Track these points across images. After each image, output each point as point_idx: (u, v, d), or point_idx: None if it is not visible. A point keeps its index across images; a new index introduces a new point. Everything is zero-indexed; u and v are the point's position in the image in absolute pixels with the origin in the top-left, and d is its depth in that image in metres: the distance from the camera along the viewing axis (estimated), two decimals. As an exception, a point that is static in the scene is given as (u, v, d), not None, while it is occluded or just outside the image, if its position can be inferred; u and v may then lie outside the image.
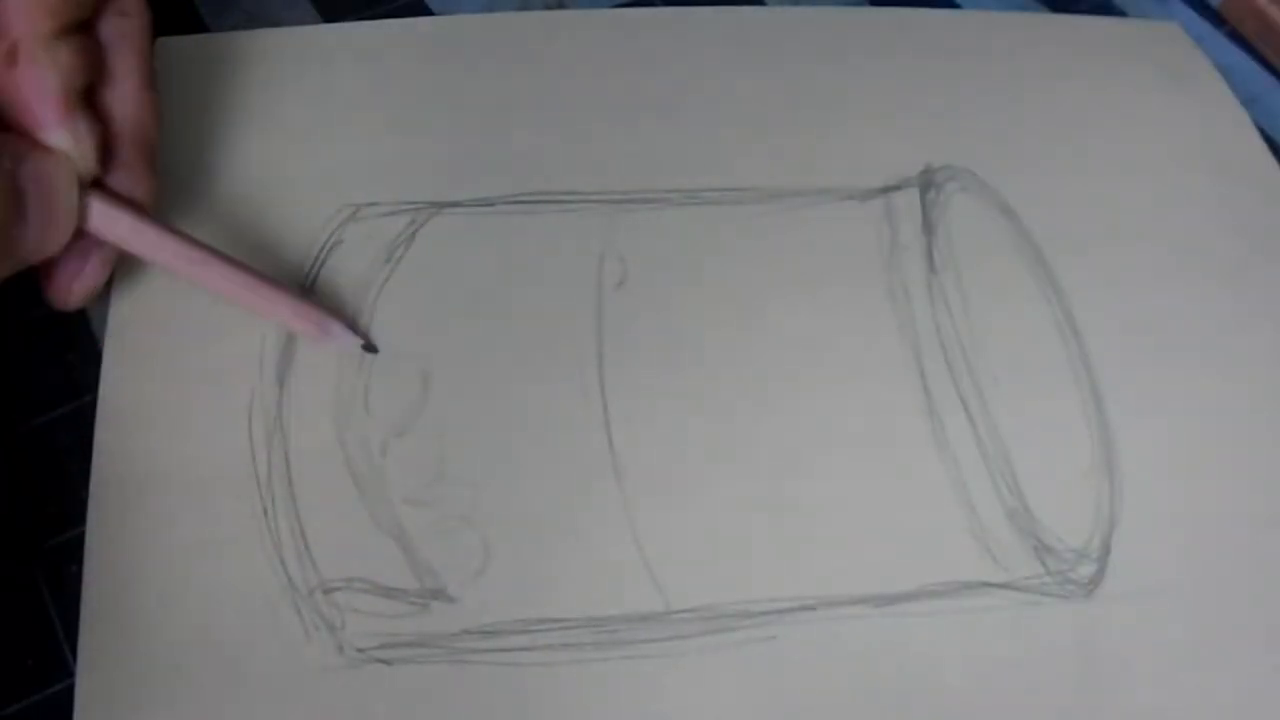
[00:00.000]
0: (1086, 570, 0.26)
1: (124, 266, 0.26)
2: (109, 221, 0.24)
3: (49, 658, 0.24)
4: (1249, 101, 0.35)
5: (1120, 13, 0.39)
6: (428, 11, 0.35)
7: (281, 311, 0.25)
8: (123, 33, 0.25)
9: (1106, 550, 0.26)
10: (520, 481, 0.25)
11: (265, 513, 0.24)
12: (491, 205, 0.29)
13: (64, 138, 0.23)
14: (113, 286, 0.27)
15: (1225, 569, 0.26)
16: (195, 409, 0.25)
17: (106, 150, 0.24)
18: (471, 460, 0.25)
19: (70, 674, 0.23)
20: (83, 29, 0.23)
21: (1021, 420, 0.27)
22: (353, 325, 0.26)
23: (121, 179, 0.24)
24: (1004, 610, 0.25)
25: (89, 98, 0.23)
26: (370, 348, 0.26)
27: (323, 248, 0.28)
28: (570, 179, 0.30)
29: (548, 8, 0.36)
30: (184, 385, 0.26)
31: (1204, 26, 0.40)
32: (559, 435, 0.26)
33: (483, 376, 0.26)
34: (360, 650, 0.23)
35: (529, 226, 0.29)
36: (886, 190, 0.31)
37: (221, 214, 0.28)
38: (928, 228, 0.30)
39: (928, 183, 0.31)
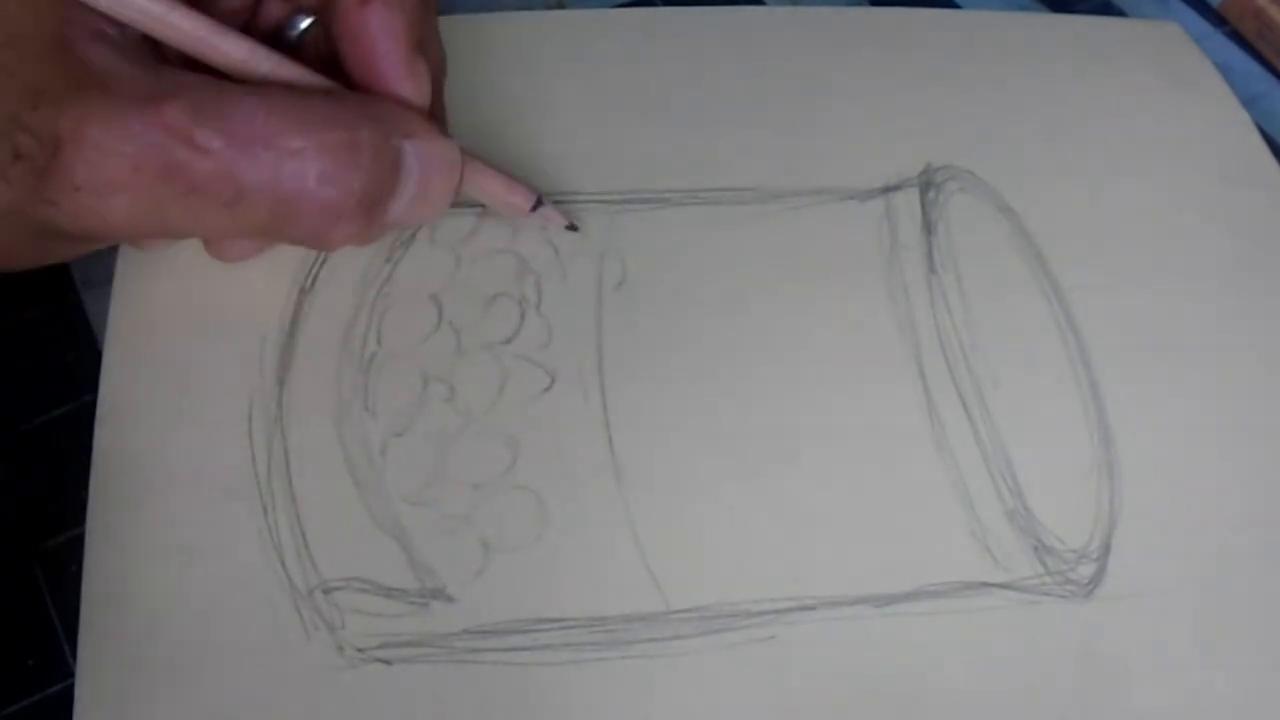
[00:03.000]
0: (1086, 570, 0.26)
1: (128, 264, 0.26)
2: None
3: (49, 658, 0.24)
4: (1249, 101, 0.35)
5: (1120, 13, 0.39)
6: (428, 11, 0.35)
7: (497, 188, 0.27)
8: None
9: (1106, 550, 0.26)
10: (520, 481, 0.25)
11: (265, 513, 0.24)
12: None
13: (411, 86, 0.23)
14: (113, 285, 0.27)
15: (1225, 569, 0.26)
16: (195, 409, 0.25)
17: None
18: (471, 460, 0.25)
19: (70, 674, 0.23)
20: None
21: (1021, 420, 0.27)
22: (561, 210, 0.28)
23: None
24: (1004, 610, 0.25)
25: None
26: (573, 227, 0.28)
27: (323, 248, 0.28)
28: (570, 179, 0.30)
29: (548, 8, 0.36)
30: (184, 385, 0.26)
31: (1204, 26, 0.40)
32: (559, 435, 0.26)
33: (482, 376, 0.26)
34: (360, 650, 0.23)
35: (528, 226, 0.29)
36: (886, 190, 0.31)
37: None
38: (928, 228, 0.30)
39: (928, 183, 0.31)
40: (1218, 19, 0.40)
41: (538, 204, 0.27)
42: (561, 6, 0.36)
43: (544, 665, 0.23)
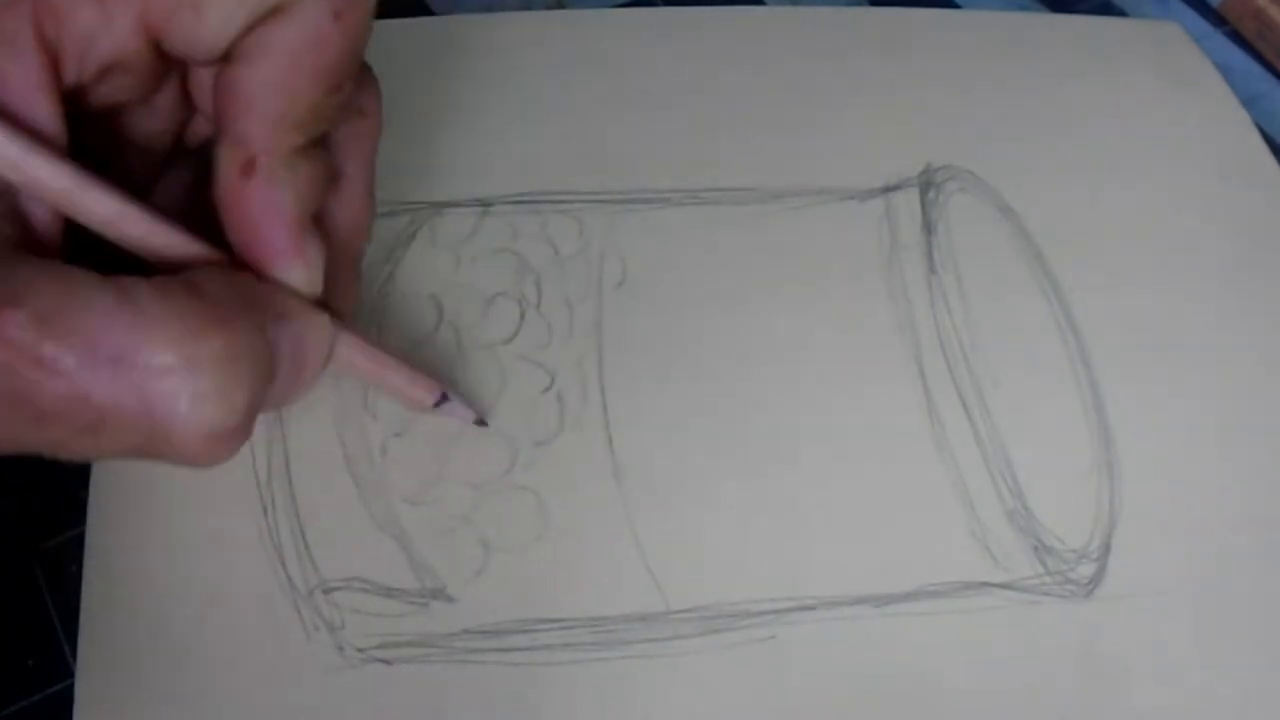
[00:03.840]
0: (1086, 570, 0.26)
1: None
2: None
3: (49, 658, 0.24)
4: (1249, 101, 0.35)
5: (1120, 13, 0.39)
6: (428, 11, 0.35)
7: (397, 380, 0.24)
8: (357, 133, 0.22)
9: (1106, 550, 0.26)
10: (520, 481, 0.25)
11: (265, 513, 0.24)
12: (490, 205, 0.29)
13: (295, 269, 0.20)
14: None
15: (1225, 569, 0.26)
16: (195, 409, 0.25)
17: None
18: (471, 460, 0.25)
19: (70, 674, 0.23)
20: (321, 140, 0.21)
21: (1021, 420, 0.27)
22: (465, 399, 0.25)
23: (330, 290, 0.22)
24: (1004, 610, 0.25)
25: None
26: (481, 422, 0.25)
27: (323, 248, 0.28)
28: (570, 179, 0.30)
29: (548, 8, 0.36)
30: (184, 385, 0.26)
31: (1204, 26, 0.40)
32: (559, 435, 0.26)
33: (482, 376, 0.26)
34: (360, 650, 0.23)
35: (528, 226, 0.29)
36: (886, 190, 0.31)
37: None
38: (928, 228, 0.30)
39: (928, 183, 0.31)
40: (1218, 19, 0.40)
41: (442, 398, 0.24)
42: (561, 6, 0.36)
43: (544, 665, 0.23)
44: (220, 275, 0.19)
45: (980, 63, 0.34)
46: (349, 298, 0.23)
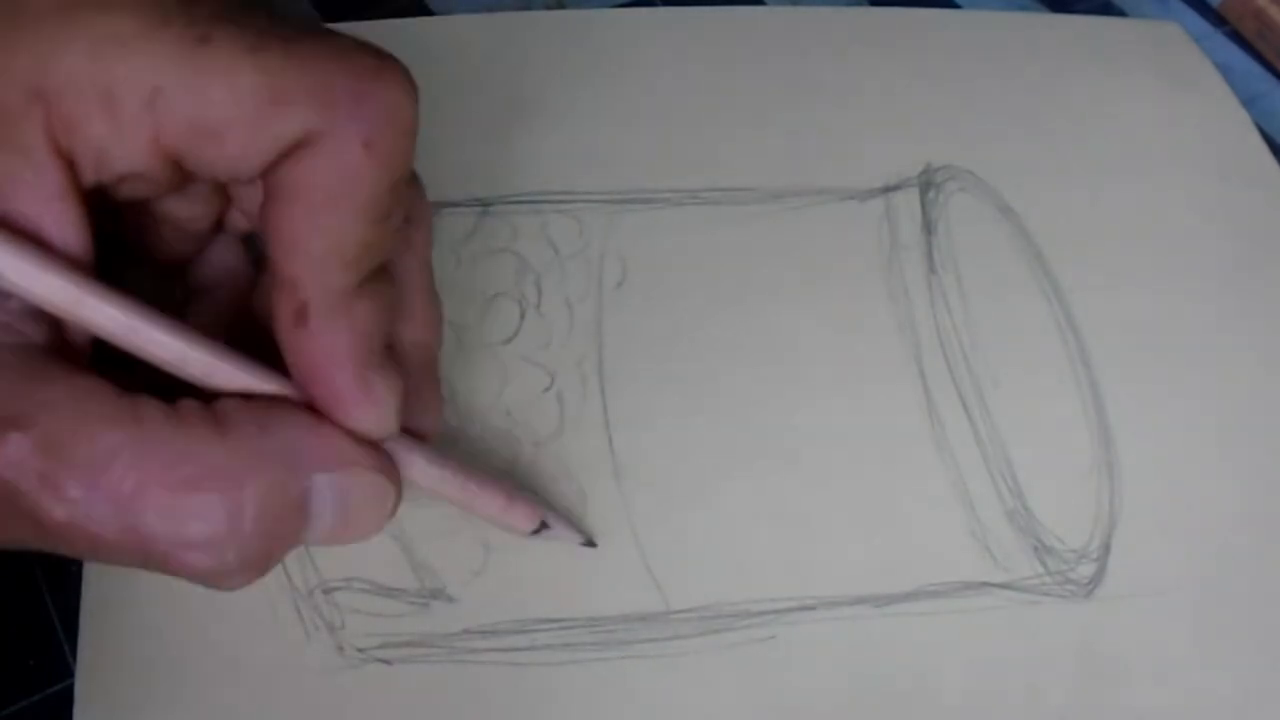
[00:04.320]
0: (1086, 570, 0.26)
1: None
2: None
3: (49, 658, 0.24)
4: (1249, 101, 0.35)
5: (1120, 13, 0.39)
6: (428, 11, 0.35)
7: (490, 509, 0.23)
8: (409, 244, 0.21)
9: (1106, 550, 0.26)
10: (519, 481, 0.25)
11: (265, 513, 0.24)
12: (490, 205, 0.29)
13: (363, 415, 0.19)
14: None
15: (1225, 569, 0.26)
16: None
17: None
18: (471, 460, 0.25)
19: (70, 674, 0.23)
20: (380, 271, 0.19)
21: (1021, 420, 0.27)
22: (569, 519, 0.24)
23: (411, 411, 0.20)
24: (1004, 610, 0.25)
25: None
26: (590, 544, 0.24)
27: (323, 248, 0.28)
28: (570, 179, 0.30)
29: (548, 8, 0.36)
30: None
31: (1204, 26, 0.40)
32: (559, 435, 0.26)
33: (482, 376, 0.26)
34: (360, 650, 0.23)
35: (528, 226, 0.29)
36: (886, 190, 0.31)
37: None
38: (928, 228, 0.30)
39: (928, 183, 0.31)
40: (1218, 19, 0.40)
41: (541, 526, 0.23)
42: (561, 6, 0.36)
43: (544, 665, 0.23)
44: (257, 415, 0.18)
45: (980, 63, 0.34)
46: (432, 412, 0.22)
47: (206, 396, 0.18)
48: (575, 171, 0.30)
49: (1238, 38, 0.39)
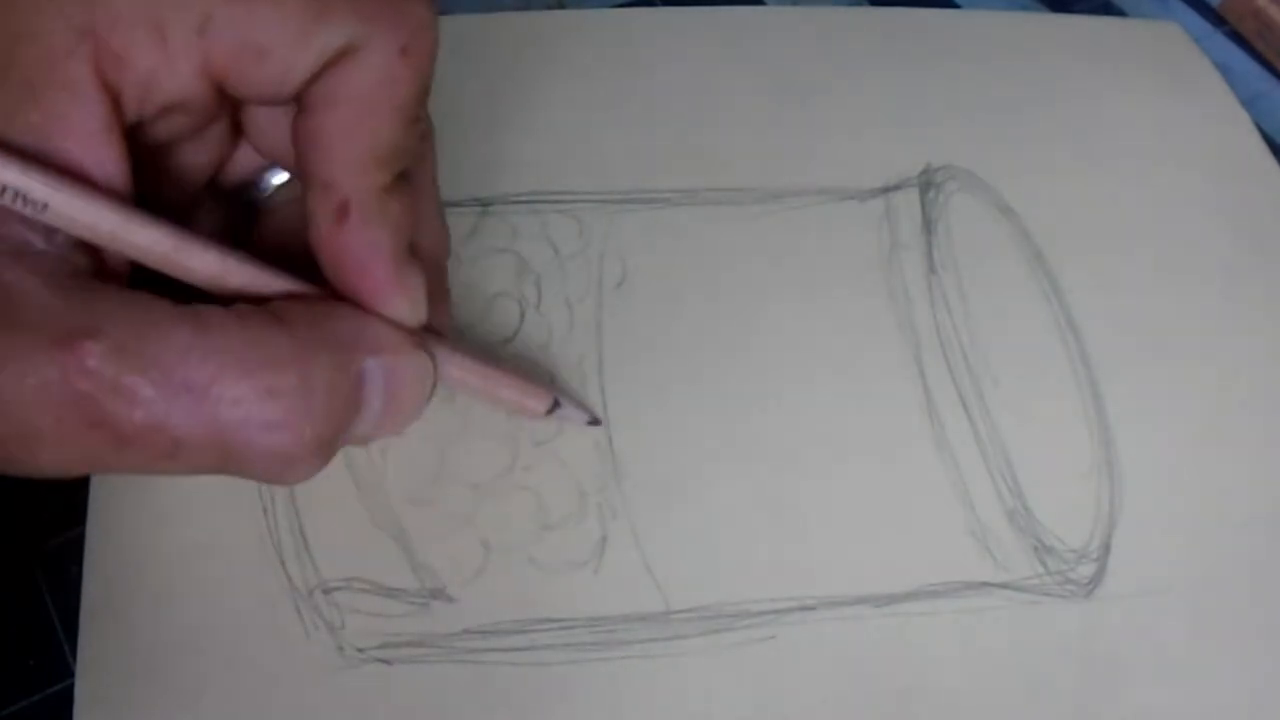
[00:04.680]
0: (1086, 570, 0.26)
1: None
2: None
3: (49, 658, 0.24)
4: (1249, 101, 0.35)
5: (1120, 13, 0.39)
6: (428, 11, 0.35)
7: (510, 393, 0.24)
8: (423, 157, 0.22)
9: (1106, 550, 0.26)
10: (520, 481, 0.25)
11: (265, 513, 0.24)
12: (490, 205, 0.29)
13: (400, 303, 0.20)
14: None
15: (1225, 569, 0.26)
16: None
17: None
18: (471, 460, 0.25)
19: (70, 674, 0.23)
20: (403, 176, 0.21)
21: (1021, 420, 0.27)
22: (579, 402, 0.26)
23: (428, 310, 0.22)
24: (1004, 610, 0.25)
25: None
26: (595, 421, 0.26)
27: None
28: (570, 179, 0.30)
29: (548, 8, 0.36)
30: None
31: (1204, 26, 0.40)
32: (559, 435, 0.26)
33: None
34: (360, 650, 0.23)
35: (528, 226, 0.29)
36: (886, 190, 0.31)
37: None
38: (927, 227, 0.30)
39: (927, 183, 0.31)
40: (1218, 19, 0.40)
41: (554, 405, 0.25)
42: (561, 6, 0.36)
43: (544, 665, 0.23)
44: (307, 310, 0.19)
45: (980, 63, 0.34)
46: (445, 315, 0.23)
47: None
48: (575, 171, 0.30)
49: (1238, 38, 0.39)
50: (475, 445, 0.26)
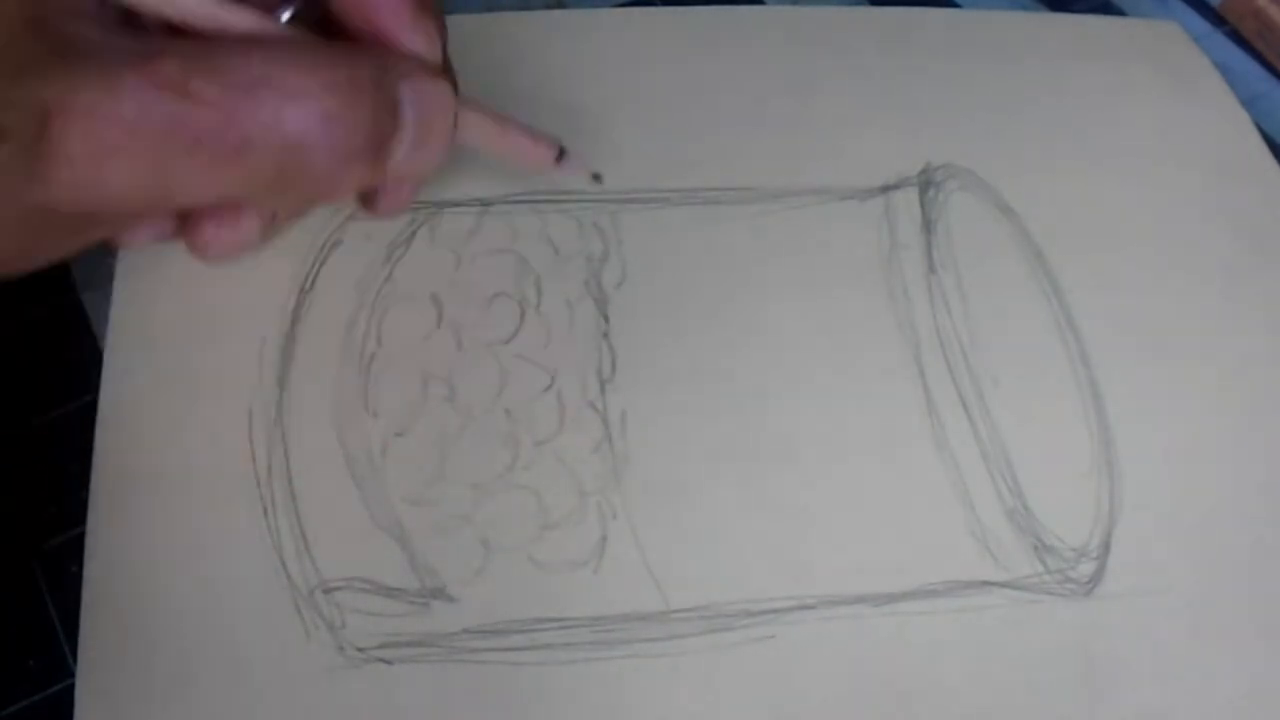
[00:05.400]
0: (1086, 569, 0.26)
1: (129, 265, 0.27)
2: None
3: (49, 658, 0.24)
4: (1249, 101, 0.35)
5: (1120, 12, 0.39)
6: (428, 12, 0.35)
7: (522, 140, 0.26)
8: None
9: (1106, 549, 0.26)
10: (520, 481, 0.25)
11: (265, 513, 0.24)
12: (490, 205, 0.29)
13: (420, 39, 0.23)
14: (114, 286, 0.27)
15: (1225, 568, 0.26)
16: (195, 409, 0.25)
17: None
18: (471, 460, 0.25)
19: (70, 674, 0.23)
20: None
21: (1021, 420, 0.27)
22: (579, 154, 0.27)
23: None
24: (1004, 609, 0.25)
25: None
26: (597, 177, 0.27)
27: (322, 247, 0.28)
28: (570, 179, 0.30)
29: (547, 8, 0.36)
30: (184, 385, 0.26)
31: (1204, 26, 0.40)
32: (559, 435, 0.26)
33: (482, 376, 0.26)
34: (360, 650, 0.23)
35: (528, 226, 0.29)
36: (886, 190, 0.31)
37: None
38: (927, 227, 0.30)
39: (927, 182, 0.31)
40: (1218, 19, 0.40)
41: (561, 153, 0.26)
42: (561, 6, 0.36)
43: (544, 665, 0.23)
44: (345, 43, 0.22)
45: (980, 62, 0.34)
46: (440, 43, 0.25)
47: None
48: (575, 171, 0.30)
49: (1238, 37, 0.39)
50: (475, 445, 0.26)
